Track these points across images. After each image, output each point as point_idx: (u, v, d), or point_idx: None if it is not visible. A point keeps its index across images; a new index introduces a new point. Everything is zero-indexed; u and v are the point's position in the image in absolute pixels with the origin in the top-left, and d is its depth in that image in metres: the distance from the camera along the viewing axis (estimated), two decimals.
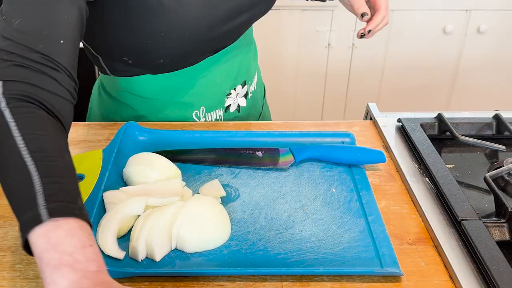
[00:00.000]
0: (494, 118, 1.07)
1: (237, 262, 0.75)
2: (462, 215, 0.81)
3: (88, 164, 0.89)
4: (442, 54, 2.36)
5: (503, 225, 0.81)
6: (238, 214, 0.84)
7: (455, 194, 0.85)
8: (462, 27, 2.30)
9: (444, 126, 1.04)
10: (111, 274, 0.71)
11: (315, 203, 0.86)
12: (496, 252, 0.73)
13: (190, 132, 1.02)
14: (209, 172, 0.93)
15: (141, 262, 0.74)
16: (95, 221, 0.77)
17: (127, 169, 0.89)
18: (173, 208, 0.78)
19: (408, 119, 1.06)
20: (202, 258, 0.75)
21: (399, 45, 2.33)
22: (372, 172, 0.95)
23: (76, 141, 1.02)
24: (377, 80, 2.42)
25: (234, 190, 0.89)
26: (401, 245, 0.79)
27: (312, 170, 0.94)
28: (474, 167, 0.98)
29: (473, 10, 2.27)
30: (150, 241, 0.75)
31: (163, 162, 0.89)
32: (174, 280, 0.73)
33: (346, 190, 0.90)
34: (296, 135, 1.03)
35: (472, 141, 0.99)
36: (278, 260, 0.75)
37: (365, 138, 1.06)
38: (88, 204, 0.80)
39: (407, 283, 0.73)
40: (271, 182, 0.91)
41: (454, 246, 0.78)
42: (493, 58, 2.39)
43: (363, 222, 0.82)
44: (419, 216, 0.85)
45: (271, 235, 0.80)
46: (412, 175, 0.93)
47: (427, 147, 0.97)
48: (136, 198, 0.80)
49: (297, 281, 0.73)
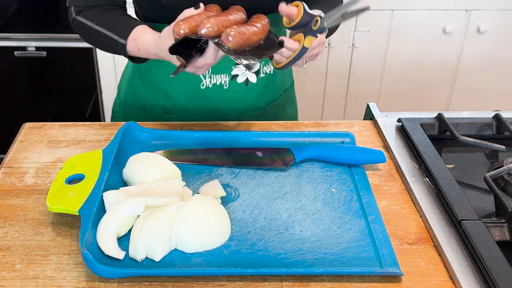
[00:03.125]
0: (494, 118, 1.07)
1: (237, 262, 0.75)
2: (462, 215, 0.81)
3: (88, 164, 0.89)
4: (442, 54, 2.36)
5: (503, 225, 0.81)
6: (238, 214, 0.84)
7: (455, 194, 0.85)
8: (462, 27, 2.30)
9: (444, 126, 1.04)
10: (111, 274, 0.71)
11: (315, 203, 0.86)
12: (496, 252, 0.73)
13: (190, 132, 1.02)
14: (209, 172, 0.93)
15: (141, 262, 0.74)
16: (95, 221, 0.77)
17: (127, 169, 0.89)
18: (173, 208, 0.78)
19: (408, 119, 1.06)
20: (202, 258, 0.75)
21: (399, 45, 2.33)
22: (372, 172, 0.95)
23: (76, 141, 1.02)
24: (377, 80, 2.42)
25: (234, 190, 0.89)
26: (401, 245, 0.79)
27: (312, 170, 0.94)
28: (474, 167, 0.98)
29: (473, 10, 2.27)
30: (150, 241, 0.75)
31: (163, 162, 0.89)
32: (174, 280, 0.73)
33: (346, 190, 0.90)
34: (296, 135, 1.03)
35: (472, 141, 0.99)
36: (278, 260, 0.75)
37: (365, 138, 1.06)
38: (88, 204, 0.80)
39: (407, 283, 0.73)
40: (271, 182, 0.91)
41: (454, 246, 0.78)
42: (493, 58, 2.39)
43: (363, 222, 0.82)
44: (419, 216, 0.85)
45: (271, 235, 0.79)
46: (412, 175, 0.93)
47: (427, 147, 0.97)
48: (136, 198, 0.80)
49: (297, 281, 0.73)
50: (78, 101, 2.30)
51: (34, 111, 2.31)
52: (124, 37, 1.01)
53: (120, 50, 1.03)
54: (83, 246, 0.72)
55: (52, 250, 0.77)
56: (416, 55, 2.36)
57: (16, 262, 0.75)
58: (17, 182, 0.91)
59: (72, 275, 0.73)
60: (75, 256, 0.76)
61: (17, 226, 0.82)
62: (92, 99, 2.28)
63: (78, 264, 0.75)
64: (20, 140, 1.03)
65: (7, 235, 0.80)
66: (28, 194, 0.88)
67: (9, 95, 2.29)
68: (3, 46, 2.15)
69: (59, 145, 1.01)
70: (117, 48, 1.03)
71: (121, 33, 1.02)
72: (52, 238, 0.80)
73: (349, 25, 2.27)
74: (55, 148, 1.00)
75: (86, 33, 1.08)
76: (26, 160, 0.97)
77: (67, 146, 1.01)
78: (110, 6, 1.08)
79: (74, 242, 0.79)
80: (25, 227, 0.81)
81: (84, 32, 1.08)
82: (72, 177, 0.87)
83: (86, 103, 2.31)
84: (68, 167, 0.88)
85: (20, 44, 2.15)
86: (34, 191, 0.89)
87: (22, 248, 0.78)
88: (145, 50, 0.98)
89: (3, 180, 0.92)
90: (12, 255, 0.76)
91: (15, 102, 2.31)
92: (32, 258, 0.76)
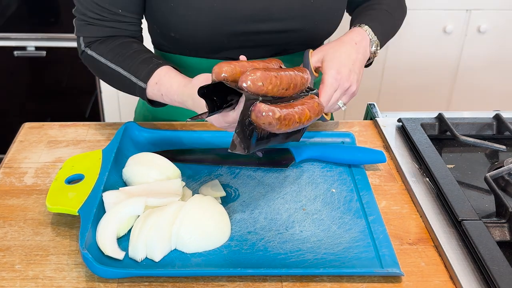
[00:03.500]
0: (494, 118, 1.07)
1: (237, 263, 0.75)
2: (463, 215, 0.80)
3: (88, 164, 0.88)
4: (442, 54, 2.36)
5: (504, 225, 0.80)
6: (238, 214, 0.83)
7: (456, 194, 0.85)
8: (462, 27, 2.30)
9: (444, 126, 1.04)
10: (111, 274, 0.71)
11: (315, 203, 0.86)
12: (496, 252, 0.73)
13: (190, 132, 1.02)
14: (209, 172, 0.93)
15: (141, 262, 0.74)
16: (95, 221, 0.77)
17: (127, 169, 0.89)
18: (173, 208, 0.78)
19: (408, 119, 1.06)
20: (202, 259, 0.75)
21: (399, 45, 2.33)
22: (372, 172, 0.95)
23: (76, 141, 1.02)
24: (377, 80, 2.42)
25: (234, 190, 0.89)
26: (401, 245, 0.79)
27: (312, 170, 0.94)
28: (474, 167, 0.98)
29: (473, 10, 2.27)
30: (150, 241, 0.75)
31: (163, 162, 0.89)
32: (174, 280, 0.73)
33: (346, 190, 0.89)
34: None
35: (473, 141, 0.99)
36: (278, 260, 0.75)
37: (365, 138, 1.06)
38: (87, 204, 0.80)
39: (407, 283, 0.73)
40: (271, 182, 0.91)
41: (454, 246, 0.78)
42: (493, 58, 2.38)
43: (363, 222, 0.82)
44: (419, 216, 0.85)
45: (271, 235, 0.79)
46: (412, 175, 0.93)
47: (428, 147, 0.97)
48: (136, 198, 0.79)
49: (297, 282, 0.73)
50: (78, 101, 2.30)
51: (34, 111, 2.31)
52: (144, 79, 0.92)
53: (139, 93, 0.94)
54: (83, 246, 0.72)
55: (52, 250, 0.77)
56: (416, 55, 2.36)
57: (16, 262, 0.75)
58: (16, 182, 0.91)
59: (72, 275, 0.73)
60: (75, 256, 0.76)
61: (17, 226, 0.81)
62: (92, 99, 2.28)
63: (77, 264, 0.75)
64: (19, 140, 1.03)
65: (7, 235, 0.80)
66: (28, 194, 0.88)
67: (9, 95, 2.29)
68: (3, 46, 2.15)
69: (59, 145, 1.01)
70: (135, 90, 0.94)
71: (140, 75, 0.92)
72: (51, 238, 0.79)
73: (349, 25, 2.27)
74: (54, 148, 1.00)
75: (98, 69, 0.98)
76: (25, 160, 0.97)
77: (66, 146, 1.01)
78: (124, 39, 0.98)
79: (74, 242, 0.79)
80: (25, 227, 0.81)
81: (95, 67, 0.99)
82: (71, 177, 0.86)
83: (86, 103, 2.31)
84: (67, 167, 0.88)
85: (20, 44, 2.15)
86: (34, 191, 0.89)
87: (22, 248, 0.77)
88: (169, 97, 0.89)
89: (3, 180, 0.92)
90: (12, 255, 0.76)
91: (15, 102, 2.31)
92: (31, 258, 0.76)
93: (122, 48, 0.96)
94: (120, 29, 0.98)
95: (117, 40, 0.97)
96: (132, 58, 0.94)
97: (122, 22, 0.98)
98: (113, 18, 0.96)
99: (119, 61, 0.95)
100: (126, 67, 0.94)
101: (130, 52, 0.95)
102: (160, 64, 0.92)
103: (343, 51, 0.95)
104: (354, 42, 0.97)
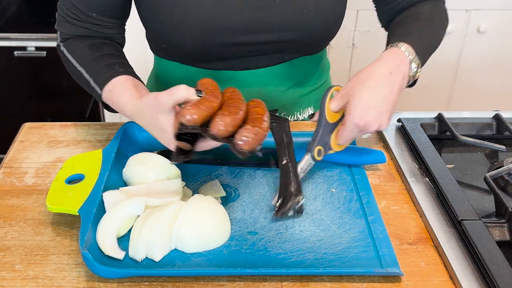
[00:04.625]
0: (494, 118, 1.07)
1: (237, 262, 0.75)
2: (462, 215, 0.81)
3: (88, 164, 0.88)
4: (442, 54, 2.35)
5: (503, 225, 0.80)
6: (238, 214, 0.83)
7: (455, 194, 0.85)
8: (462, 27, 2.30)
9: (444, 126, 1.04)
10: (111, 274, 0.71)
11: (315, 203, 0.86)
12: (496, 252, 0.73)
13: None
14: (209, 172, 0.93)
15: (141, 262, 0.74)
16: (95, 221, 0.77)
17: (127, 169, 0.89)
18: (173, 208, 0.78)
19: (408, 119, 1.06)
20: (202, 258, 0.75)
21: None
22: (372, 172, 0.95)
23: (76, 141, 1.02)
24: None
25: (234, 190, 0.89)
26: (401, 245, 0.79)
27: (312, 170, 0.94)
28: (474, 167, 0.98)
29: (473, 10, 2.27)
30: (150, 241, 0.75)
31: (163, 162, 0.89)
32: (174, 280, 0.73)
33: (346, 190, 0.90)
34: (296, 135, 1.03)
35: (472, 141, 0.99)
36: (278, 260, 0.75)
37: (365, 138, 1.06)
38: (88, 204, 0.80)
39: (407, 283, 0.73)
40: (271, 182, 0.91)
41: (454, 246, 0.78)
42: (493, 58, 2.38)
43: (363, 222, 0.82)
44: (419, 216, 0.85)
45: (271, 235, 0.79)
46: (412, 175, 0.93)
47: (427, 147, 0.97)
48: (136, 198, 0.79)
49: (297, 281, 0.73)
50: (78, 101, 2.30)
51: (34, 111, 2.31)
52: (101, 85, 0.90)
53: (96, 98, 0.93)
54: (83, 246, 0.72)
55: (52, 250, 0.77)
56: None
57: (16, 262, 0.75)
58: (17, 182, 0.91)
59: (72, 275, 0.73)
60: (75, 256, 0.76)
61: (17, 226, 0.82)
62: (92, 99, 2.28)
63: (78, 264, 0.75)
64: (20, 140, 1.03)
65: (7, 235, 0.80)
66: (28, 194, 0.88)
67: (9, 95, 2.29)
68: (3, 46, 2.15)
69: (59, 145, 1.01)
70: (95, 94, 0.92)
71: (99, 80, 0.90)
72: (52, 238, 0.79)
73: (349, 25, 2.27)
74: (55, 148, 1.00)
75: (68, 66, 0.98)
76: (26, 160, 0.97)
77: (67, 146, 1.01)
78: (97, 40, 0.97)
79: (74, 242, 0.79)
80: (25, 227, 0.81)
81: (66, 64, 0.99)
82: (72, 177, 0.86)
83: (86, 103, 2.31)
84: (68, 167, 0.88)
85: (20, 44, 2.15)
86: (34, 191, 0.89)
87: (22, 248, 0.78)
88: (119, 108, 0.89)
89: (3, 180, 0.92)
90: (12, 255, 0.76)
91: (15, 102, 2.31)
92: (32, 258, 0.76)
93: (91, 49, 0.95)
94: (95, 31, 0.98)
95: (89, 40, 0.97)
96: (97, 62, 0.93)
97: (97, 25, 0.97)
98: (87, 20, 0.96)
99: (84, 63, 0.94)
100: (89, 70, 0.93)
101: (97, 55, 0.94)
102: (121, 72, 0.90)
103: (372, 90, 0.83)
104: (389, 72, 0.85)
